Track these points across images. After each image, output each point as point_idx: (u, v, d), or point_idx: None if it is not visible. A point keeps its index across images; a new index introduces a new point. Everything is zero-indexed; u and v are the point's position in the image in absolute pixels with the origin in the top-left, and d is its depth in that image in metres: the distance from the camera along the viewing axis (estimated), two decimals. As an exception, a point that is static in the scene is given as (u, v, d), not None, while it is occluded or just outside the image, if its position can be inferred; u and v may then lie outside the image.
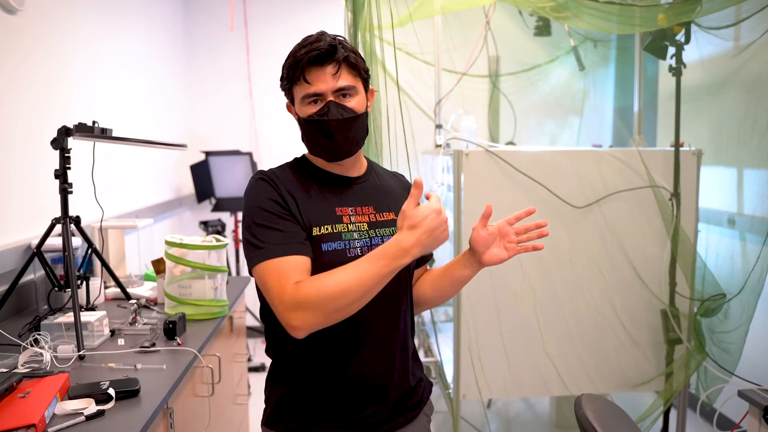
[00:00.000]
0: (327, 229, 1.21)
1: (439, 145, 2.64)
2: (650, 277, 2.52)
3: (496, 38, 3.14)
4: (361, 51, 2.32)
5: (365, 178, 1.33)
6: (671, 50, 2.46)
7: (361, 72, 1.25)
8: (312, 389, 1.24)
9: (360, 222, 1.25)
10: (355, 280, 1.09)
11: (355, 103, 1.22)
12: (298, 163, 1.31)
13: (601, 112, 3.65)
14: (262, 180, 1.23)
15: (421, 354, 3.08)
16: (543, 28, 3.02)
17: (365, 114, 1.26)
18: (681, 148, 2.49)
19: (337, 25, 2.53)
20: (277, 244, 1.15)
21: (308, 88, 1.20)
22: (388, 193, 1.34)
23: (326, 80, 1.19)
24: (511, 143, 3.32)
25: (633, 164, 2.48)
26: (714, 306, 2.45)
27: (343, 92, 1.21)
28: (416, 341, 3.15)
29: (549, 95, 3.46)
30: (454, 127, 2.82)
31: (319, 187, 1.26)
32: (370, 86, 1.31)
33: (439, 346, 2.73)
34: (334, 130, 1.20)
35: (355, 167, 1.31)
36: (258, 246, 1.16)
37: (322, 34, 1.22)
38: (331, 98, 1.20)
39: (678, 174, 2.47)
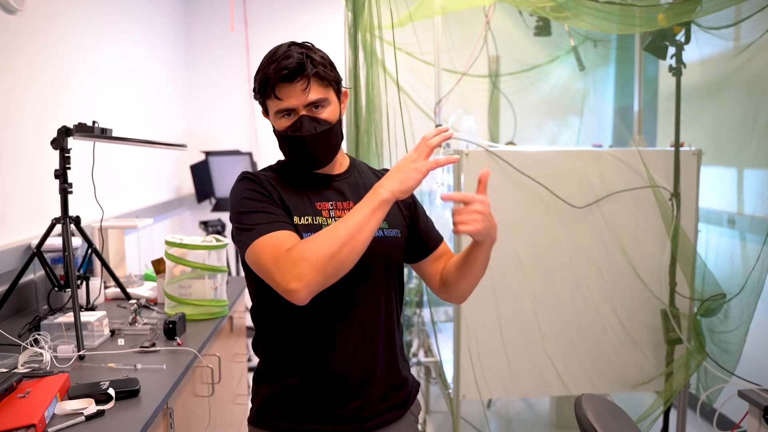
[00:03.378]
0: (307, 220, 1.24)
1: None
2: (650, 277, 2.52)
3: (496, 38, 3.14)
4: (361, 51, 2.32)
5: (346, 175, 1.35)
6: (671, 50, 2.46)
7: (331, 81, 1.26)
8: (296, 385, 1.25)
9: (339, 216, 1.27)
10: (341, 226, 1.11)
11: (327, 113, 1.25)
12: (280, 166, 1.35)
13: (601, 112, 3.64)
14: (245, 179, 1.27)
15: (421, 354, 3.09)
16: (543, 28, 3.01)
17: (339, 122, 1.28)
18: (681, 148, 2.49)
19: (337, 25, 2.53)
20: (266, 223, 1.18)
21: (280, 104, 1.22)
22: (370, 188, 1.35)
23: (297, 95, 1.21)
24: (511, 143, 3.32)
25: (633, 164, 2.48)
26: (714, 306, 2.45)
27: (314, 104, 1.23)
28: (416, 341, 3.18)
29: (549, 95, 3.46)
30: (454, 127, 2.82)
31: (298, 186, 1.29)
32: (343, 88, 1.32)
33: (439, 346, 2.73)
34: (308, 145, 1.23)
35: (334, 166, 1.34)
36: (247, 228, 1.18)
37: (290, 48, 1.22)
38: (303, 112, 1.22)
39: (678, 174, 2.47)
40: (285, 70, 1.19)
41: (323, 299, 1.17)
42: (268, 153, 4.39)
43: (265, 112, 1.30)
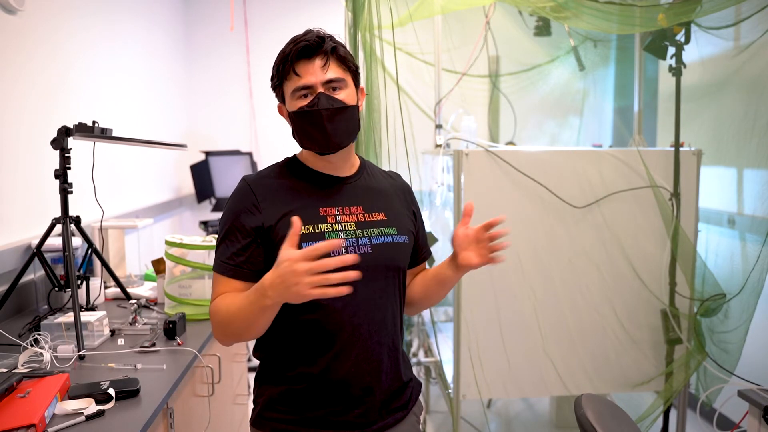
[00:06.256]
0: (308, 229, 1.21)
1: (439, 145, 2.64)
2: (650, 277, 2.52)
3: (496, 38, 3.14)
4: (361, 51, 2.32)
5: (356, 177, 1.33)
6: (671, 50, 2.46)
7: (350, 65, 1.26)
8: (299, 390, 1.24)
9: (347, 222, 1.25)
10: (235, 310, 1.16)
11: (345, 95, 1.23)
12: (288, 164, 1.32)
13: (601, 112, 3.65)
14: (242, 188, 1.26)
15: (421, 354, 3.09)
16: (543, 28, 3.01)
17: (356, 108, 1.26)
18: (681, 148, 2.49)
19: (337, 25, 2.52)
20: (221, 262, 1.22)
21: (298, 81, 1.21)
22: (380, 193, 1.34)
23: (315, 72, 1.20)
24: (511, 143, 3.32)
25: (633, 164, 2.48)
26: (714, 306, 2.45)
27: (332, 84, 1.22)
28: (416, 341, 3.18)
29: (549, 95, 3.46)
30: (454, 127, 2.82)
31: (306, 187, 1.27)
32: (361, 86, 1.31)
33: (439, 346, 2.73)
34: (324, 120, 1.21)
35: (345, 166, 1.31)
36: (216, 255, 1.25)
37: (309, 30, 1.24)
38: (321, 89, 1.21)
39: (678, 174, 2.47)
40: (304, 42, 1.19)
41: (330, 306, 1.17)
42: (268, 153, 4.39)
43: (281, 103, 1.28)
